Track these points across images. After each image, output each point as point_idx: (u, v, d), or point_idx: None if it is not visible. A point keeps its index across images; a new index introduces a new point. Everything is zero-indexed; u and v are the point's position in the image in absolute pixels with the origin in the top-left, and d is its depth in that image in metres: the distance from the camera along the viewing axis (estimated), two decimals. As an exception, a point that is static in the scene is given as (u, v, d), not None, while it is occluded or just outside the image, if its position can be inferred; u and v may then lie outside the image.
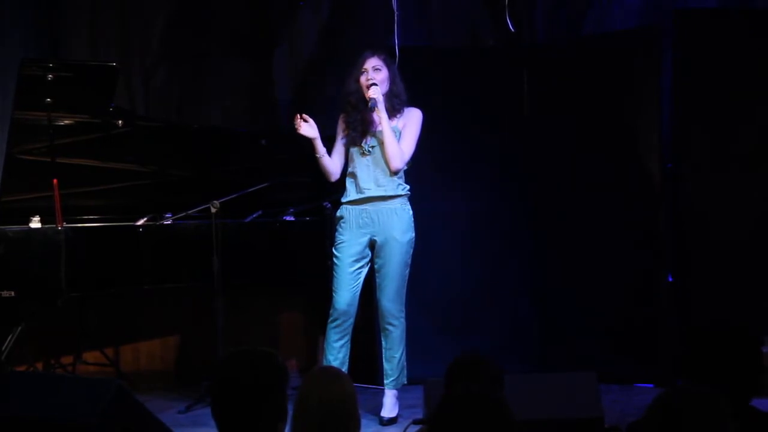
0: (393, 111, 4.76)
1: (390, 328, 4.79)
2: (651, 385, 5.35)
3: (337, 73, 5.26)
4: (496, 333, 5.69)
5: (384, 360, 4.85)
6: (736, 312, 5.24)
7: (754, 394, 2.53)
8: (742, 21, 5.51)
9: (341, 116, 4.86)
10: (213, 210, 4.95)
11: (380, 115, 4.66)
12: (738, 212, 5.41)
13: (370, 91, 4.65)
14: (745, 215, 5.41)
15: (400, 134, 4.75)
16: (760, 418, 2.47)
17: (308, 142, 4.78)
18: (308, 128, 4.77)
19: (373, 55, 4.75)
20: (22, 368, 5.19)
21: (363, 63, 4.73)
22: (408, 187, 4.81)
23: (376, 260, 4.79)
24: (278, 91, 6.23)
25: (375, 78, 4.69)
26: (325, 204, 5.35)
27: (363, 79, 4.71)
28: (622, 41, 5.64)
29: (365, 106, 4.69)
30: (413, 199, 4.85)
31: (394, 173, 4.72)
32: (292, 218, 5.52)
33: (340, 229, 4.81)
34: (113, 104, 4.96)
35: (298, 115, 4.77)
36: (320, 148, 4.80)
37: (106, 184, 5.22)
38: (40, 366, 5.55)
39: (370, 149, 4.74)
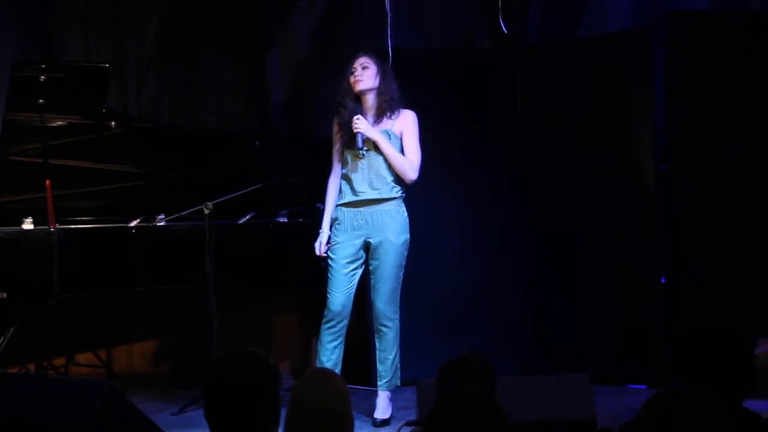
0: (381, 111, 4.76)
1: (384, 329, 4.79)
2: (644, 387, 5.36)
3: (331, 75, 5.26)
4: (490, 334, 5.70)
5: (378, 361, 4.85)
6: (730, 313, 5.25)
7: (746, 395, 2.53)
8: (734, 22, 5.52)
9: (335, 118, 4.87)
10: (206, 211, 4.94)
11: (375, 138, 4.67)
12: (732, 213, 5.42)
13: (354, 125, 4.66)
14: (739, 216, 5.42)
15: (400, 140, 4.75)
16: (753, 419, 2.47)
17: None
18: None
19: (362, 54, 4.77)
20: (14, 370, 5.18)
21: (353, 63, 4.75)
22: (403, 189, 4.82)
23: (371, 262, 4.79)
24: (272, 93, 6.22)
25: (362, 75, 4.69)
26: (318, 205, 5.34)
27: (351, 78, 4.72)
28: (616, 43, 5.65)
29: (354, 106, 4.71)
30: (408, 200, 4.85)
31: (410, 182, 4.75)
32: (286, 219, 5.51)
33: (334, 231, 4.82)
34: (106, 105, 4.95)
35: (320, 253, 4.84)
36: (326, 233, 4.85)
37: (99, 186, 5.21)
38: (32, 367, 5.55)
39: (365, 152, 4.75)
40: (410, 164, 4.73)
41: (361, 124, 4.66)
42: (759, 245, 5.40)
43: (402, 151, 4.76)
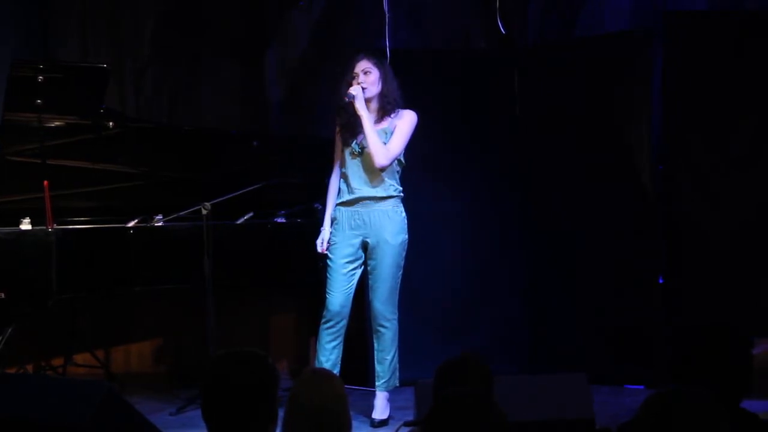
0: (384, 112, 4.76)
1: (382, 329, 4.78)
2: (642, 387, 5.36)
3: (331, 75, 5.25)
4: (490, 334, 5.69)
5: (376, 362, 4.84)
6: (729, 313, 5.24)
7: (744, 396, 2.53)
8: (733, 22, 5.51)
9: (337, 120, 4.86)
10: (204, 211, 4.93)
11: (360, 112, 4.64)
12: (732, 213, 5.41)
13: (351, 88, 4.65)
14: (738, 216, 5.41)
15: (392, 135, 4.74)
16: (750, 419, 2.47)
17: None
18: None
19: (363, 57, 4.74)
20: (12, 370, 5.17)
21: (354, 66, 4.73)
22: (401, 188, 4.81)
23: (369, 262, 4.78)
24: (270, 93, 6.22)
25: (365, 81, 4.68)
26: (316, 205, 5.34)
27: (354, 83, 4.70)
28: (616, 43, 5.64)
29: (354, 108, 4.68)
30: (407, 200, 4.84)
31: (380, 170, 4.71)
32: (284, 220, 5.51)
33: (333, 231, 4.81)
34: (104, 105, 4.95)
35: (322, 251, 4.82)
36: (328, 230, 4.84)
37: (97, 186, 5.20)
38: (30, 368, 5.54)
39: (361, 150, 4.74)
40: (384, 150, 4.68)
41: (357, 92, 4.64)
42: (759, 245, 5.39)
43: None
